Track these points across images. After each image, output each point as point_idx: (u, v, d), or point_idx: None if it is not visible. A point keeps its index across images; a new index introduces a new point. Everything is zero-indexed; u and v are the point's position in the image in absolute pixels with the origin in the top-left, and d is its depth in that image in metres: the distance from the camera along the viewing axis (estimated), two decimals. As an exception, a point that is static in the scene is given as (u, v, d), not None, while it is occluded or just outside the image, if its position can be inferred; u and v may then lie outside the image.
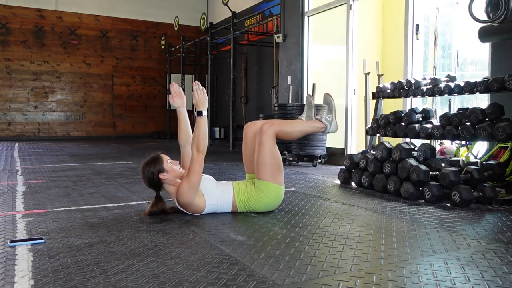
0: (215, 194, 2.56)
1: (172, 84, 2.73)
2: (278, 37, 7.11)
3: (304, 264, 1.72)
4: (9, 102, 11.33)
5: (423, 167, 3.10)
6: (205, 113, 2.43)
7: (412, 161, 3.23)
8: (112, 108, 12.49)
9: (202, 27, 10.20)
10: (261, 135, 2.60)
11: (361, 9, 6.10)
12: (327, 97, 2.85)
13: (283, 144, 5.99)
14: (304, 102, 2.90)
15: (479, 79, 3.43)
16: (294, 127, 2.75)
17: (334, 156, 5.85)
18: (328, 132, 2.84)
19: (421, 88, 3.94)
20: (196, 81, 2.49)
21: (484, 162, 3.30)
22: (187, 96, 2.56)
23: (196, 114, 2.43)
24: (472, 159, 3.89)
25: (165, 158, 2.53)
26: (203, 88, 2.49)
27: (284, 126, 2.70)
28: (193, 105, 2.48)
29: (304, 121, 2.81)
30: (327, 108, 2.82)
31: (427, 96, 3.90)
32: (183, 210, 2.53)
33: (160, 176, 2.47)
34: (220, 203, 2.57)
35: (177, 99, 2.69)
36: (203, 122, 2.42)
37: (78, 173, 4.60)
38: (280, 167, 2.63)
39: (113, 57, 12.43)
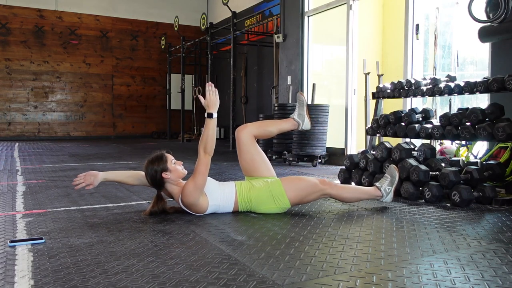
0: (217, 195, 2.56)
1: (75, 180, 2.54)
2: (278, 37, 7.11)
3: (304, 264, 1.72)
4: (9, 102, 11.33)
5: (423, 167, 3.10)
6: (215, 115, 2.43)
7: (412, 161, 3.23)
8: (112, 108, 12.49)
9: (202, 27, 10.21)
10: (320, 184, 2.66)
11: (361, 9, 6.10)
12: (393, 171, 2.91)
13: (283, 145, 5.99)
14: (297, 101, 2.93)
15: (479, 79, 3.43)
16: (351, 194, 2.81)
17: (334, 156, 5.85)
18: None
19: (421, 88, 3.94)
20: (210, 82, 2.50)
21: (484, 162, 3.30)
22: (187, 96, 2.56)
23: (206, 116, 2.43)
24: (472, 159, 3.89)
25: (170, 157, 2.54)
26: (216, 90, 2.49)
27: (342, 191, 2.78)
28: (193, 105, 2.48)
29: (363, 190, 2.87)
30: (390, 180, 2.89)
31: (427, 96, 3.90)
32: (186, 210, 2.53)
33: (163, 175, 2.48)
34: (222, 204, 2.58)
35: (89, 180, 2.54)
36: (212, 124, 2.42)
37: (78, 173, 4.57)
38: (300, 201, 2.67)
39: (113, 57, 12.43)
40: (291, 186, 2.61)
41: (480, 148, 4.16)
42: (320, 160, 5.68)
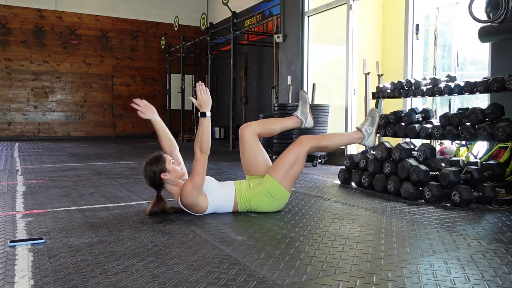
0: (217, 194, 2.56)
1: (135, 100, 2.71)
2: (278, 37, 7.11)
3: (304, 264, 1.72)
4: (9, 102, 11.33)
5: (423, 167, 3.10)
6: (208, 114, 2.43)
7: (412, 161, 3.23)
8: (112, 108, 12.49)
9: (202, 27, 10.21)
10: (297, 144, 2.64)
11: (361, 9, 6.10)
12: (373, 112, 2.89)
13: (283, 144, 5.98)
14: (299, 98, 2.93)
15: (479, 79, 3.43)
16: (333, 141, 2.77)
17: (334, 156, 5.85)
18: (365, 144, 2.86)
19: (421, 88, 3.94)
20: (200, 82, 2.49)
21: (484, 162, 3.30)
22: (187, 96, 2.57)
23: (199, 115, 2.43)
24: (472, 159, 3.89)
25: (168, 158, 2.54)
26: (207, 88, 2.49)
27: (321, 141, 2.74)
28: (193, 105, 2.49)
29: (342, 134, 2.89)
30: (370, 121, 2.87)
31: (427, 96, 3.90)
32: (186, 210, 2.53)
33: (162, 176, 2.48)
34: (222, 203, 2.58)
35: (146, 111, 2.71)
36: (206, 123, 2.42)
37: (78, 173, 4.60)
38: (294, 178, 2.65)
39: (113, 57, 12.43)
40: (279, 171, 2.60)
41: (480, 148, 4.15)
42: (320, 160, 5.68)
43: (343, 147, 5.85)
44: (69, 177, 4.27)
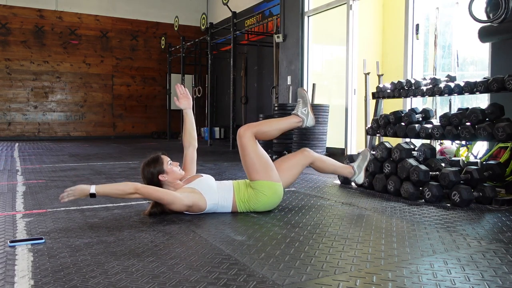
0: (215, 194, 2.56)
1: (177, 85, 2.77)
2: (278, 37, 7.11)
3: (304, 264, 1.72)
4: (9, 102, 11.33)
5: (423, 167, 3.10)
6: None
7: (412, 161, 3.23)
8: (112, 108, 12.49)
9: (202, 27, 10.21)
10: (240, 139, 2.62)
11: (361, 9, 6.10)
12: (301, 91, 2.85)
13: (283, 145, 5.99)
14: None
15: (479, 79, 3.43)
16: (272, 126, 2.76)
17: (334, 156, 5.83)
18: (306, 127, 2.84)
19: (421, 88, 3.94)
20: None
21: (484, 162, 3.30)
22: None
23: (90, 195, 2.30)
24: (472, 159, 3.89)
25: (166, 159, 2.53)
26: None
27: (261, 126, 2.70)
28: (193, 105, 2.51)
29: (281, 119, 2.86)
30: (302, 101, 2.81)
31: (427, 96, 3.90)
32: (186, 212, 2.54)
33: (160, 177, 2.47)
34: (220, 203, 2.58)
35: (184, 101, 2.76)
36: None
37: (78, 173, 4.60)
38: (269, 165, 2.62)
39: (113, 57, 12.43)
40: (253, 172, 2.60)
41: (480, 148, 4.15)
42: (320, 160, 5.67)
43: (343, 146, 5.85)
44: (69, 177, 4.27)
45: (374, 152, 3.73)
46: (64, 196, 2.21)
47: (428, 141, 3.99)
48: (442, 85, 3.73)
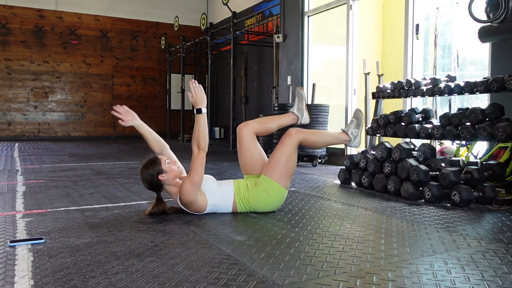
0: (216, 194, 2.56)
1: (115, 108, 2.69)
2: (278, 37, 7.11)
3: (304, 264, 1.72)
4: (9, 102, 11.33)
5: (423, 167, 3.10)
6: (204, 110, 2.43)
7: (412, 161, 3.23)
8: (112, 108, 12.48)
9: (202, 27, 10.20)
10: (287, 137, 2.64)
11: (361, 9, 6.10)
12: (358, 113, 2.91)
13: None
14: (296, 95, 2.94)
15: (479, 79, 3.42)
16: (321, 138, 2.80)
17: (334, 156, 5.85)
18: (351, 146, 2.89)
19: (421, 88, 3.94)
20: (192, 80, 2.50)
21: (484, 162, 3.30)
22: (187, 96, 2.56)
23: (195, 112, 2.43)
24: (472, 159, 3.89)
25: (163, 158, 2.53)
26: (200, 85, 2.49)
27: (311, 135, 2.74)
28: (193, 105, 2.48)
29: (331, 133, 2.89)
30: (356, 123, 2.88)
31: (427, 96, 3.90)
32: (185, 209, 2.53)
33: (160, 177, 2.47)
34: (221, 203, 2.58)
35: (127, 118, 2.69)
36: (202, 119, 2.42)
37: (78, 173, 4.60)
38: (290, 173, 2.65)
39: (113, 57, 12.43)
40: (274, 169, 2.59)
41: (480, 148, 4.15)
42: (320, 160, 5.68)
43: (343, 146, 5.85)
44: (69, 177, 4.27)
45: (374, 152, 3.73)
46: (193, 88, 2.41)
47: (428, 141, 3.99)
48: (442, 85, 3.73)
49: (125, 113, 2.70)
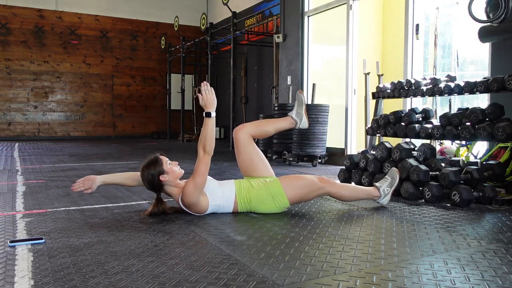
0: (217, 194, 2.55)
1: (73, 185, 2.54)
2: (278, 37, 7.11)
3: (304, 264, 1.72)
4: (9, 102, 11.33)
5: (423, 167, 3.10)
6: (213, 114, 2.41)
7: (412, 161, 3.23)
8: (112, 108, 12.49)
9: (202, 27, 10.21)
10: (323, 182, 2.67)
11: (361, 9, 6.10)
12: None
13: (283, 145, 5.99)
14: (296, 99, 2.94)
15: (479, 79, 3.43)
16: (351, 193, 2.80)
17: (334, 156, 5.85)
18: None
19: (421, 88, 3.94)
20: (205, 82, 2.48)
21: (484, 162, 3.30)
22: (187, 96, 2.55)
23: (204, 115, 2.42)
24: (472, 159, 3.89)
25: (164, 159, 2.52)
26: (212, 88, 2.48)
27: (342, 189, 2.76)
28: (193, 105, 2.47)
29: (362, 189, 2.88)
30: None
31: (427, 96, 3.90)
32: (187, 210, 2.53)
33: (161, 178, 2.46)
34: (222, 204, 2.57)
35: (89, 185, 2.54)
36: (211, 123, 2.41)
37: (78, 173, 4.60)
38: (300, 200, 2.67)
39: (113, 57, 12.43)
40: (290, 185, 2.61)
41: (480, 148, 4.15)
42: (320, 160, 5.68)
43: (343, 146, 5.85)
44: (69, 177, 4.27)
45: (374, 152, 3.73)
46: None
47: (428, 141, 3.99)
48: (442, 85, 3.73)
49: (83, 183, 2.54)
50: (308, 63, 6.76)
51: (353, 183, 3.79)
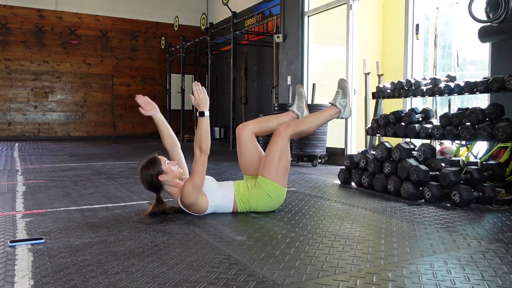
0: (217, 195, 2.56)
1: (137, 97, 2.71)
2: (278, 37, 7.11)
3: (304, 264, 1.72)
4: (9, 102, 11.33)
5: (423, 167, 3.10)
6: (207, 113, 2.42)
7: (412, 161, 3.23)
8: (112, 108, 12.49)
9: (202, 27, 10.20)
10: (276, 136, 2.62)
11: (361, 9, 6.10)
12: (342, 82, 2.86)
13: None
14: (296, 93, 2.92)
15: (479, 79, 3.43)
16: (310, 123, 2.76)
17: (334, 156, 5.85)
18: (342, 118, 2.86)
19: (421, 88, 3.94)
20: (196, 82, 2.49)
21: (484, 162, 3.30)
22: (187, 96, 2.56)
23: (197, 115, 2.43)
24: (472, 159, 3.89)
25: (163, 159, 2.52)
26: (203, 88, 2.48)
27: (299, 125, 2.71)
28: (193, 105, 2.47)
29: (318, 113, 2.83)
30: (342, 92, 2.83)
31: (427, 96, 3.90)
32: (186, 210, 2.53)
33: (160, 178, 2.46)
34: (222, 204, 2.58)
35: (148, 108, 2.70)
36: (205, 123, 2.41)
37: (78, 173, 4.60)
38: (286, 170, 2.64)
39: (113, 57, 12.43)
40: (269, 169, 2.58)
41: (480, 148, 4.15)
42: (320, 160, 5.68)
43: (343, 146, 5.85)
44: (69, 177, 4.27)
45: (374, 152, 3.73)
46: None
47: (428, 141, 3.99)
48: (442, 85, 3.73)
49: (146, 104, 2.73)
50: (308, 63, 6.76)
51: (353, 183, 3.80)
